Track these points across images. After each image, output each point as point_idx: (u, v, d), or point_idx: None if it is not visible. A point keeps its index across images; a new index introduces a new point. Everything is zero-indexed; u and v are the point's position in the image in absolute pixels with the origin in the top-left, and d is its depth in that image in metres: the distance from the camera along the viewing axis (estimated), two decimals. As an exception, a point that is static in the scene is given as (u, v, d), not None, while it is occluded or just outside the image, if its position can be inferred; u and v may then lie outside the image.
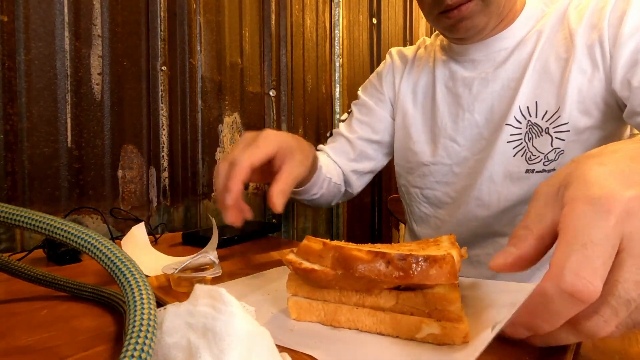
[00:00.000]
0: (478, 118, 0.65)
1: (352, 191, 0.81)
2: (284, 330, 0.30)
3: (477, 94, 0.65)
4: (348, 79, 1.28)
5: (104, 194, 0.75)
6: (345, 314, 0.30)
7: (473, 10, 0.56)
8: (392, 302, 0.29)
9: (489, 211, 0.63)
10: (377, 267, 0.27)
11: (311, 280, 0.30)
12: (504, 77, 0.62)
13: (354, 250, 0.28)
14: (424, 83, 0.73)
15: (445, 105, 0.69)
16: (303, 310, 0.32)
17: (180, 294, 0.37)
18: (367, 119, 0.79)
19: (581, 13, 0.57)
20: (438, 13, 0.59)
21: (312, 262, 0.30)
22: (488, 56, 0.64)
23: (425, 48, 0.77)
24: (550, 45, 0.59)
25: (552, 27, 0.60)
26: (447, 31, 0.63)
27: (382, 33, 1.41)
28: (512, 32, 0.62)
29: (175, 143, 0.86)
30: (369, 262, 0.27)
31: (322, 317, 0.31)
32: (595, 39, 0.54)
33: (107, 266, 0.25)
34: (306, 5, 1.14)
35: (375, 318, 0.29)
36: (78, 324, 0.33)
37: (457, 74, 0.68)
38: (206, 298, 0.22)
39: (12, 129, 0.64)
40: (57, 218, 0.27)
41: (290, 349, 0.27)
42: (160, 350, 0.21)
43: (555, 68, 0.58)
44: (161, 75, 0.83)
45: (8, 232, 0.65)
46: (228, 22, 0.96)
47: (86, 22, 0.72)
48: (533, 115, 0.59)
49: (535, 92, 0.59)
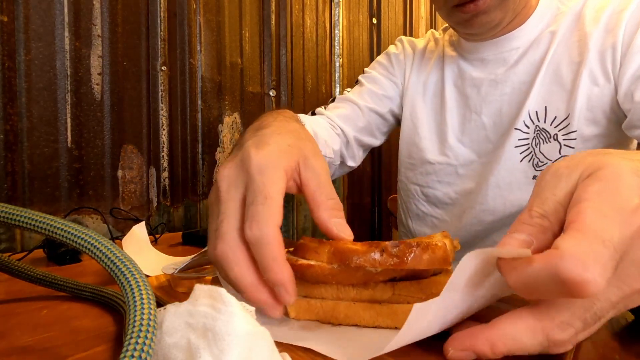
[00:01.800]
0: (485, 120, 0.63)
1: (351, 163, 0.74)
2: (282, 327, 0.31)
3: (486, 96, 0.63)
4: (348, 79, 1.28)
5: (104, 194, 0.75)
6: (343, 311, 0.30)
7: (490, 5, 0.54)
8: (388, 293, 0.30)
9: (494, 216, 0.62)
10: (372, 256, 0.27)
11: (308, 277, 0.30)
12: (515, 80, 0.60)
13: (348, 244, 0.29)
14: (434, 79, 0.71)
15: (454, 104, 0.67)
16: (302, 309, 0.32)
17: (180, 294, 0.37)
18: (380, 92, 0.75)
19: (598, 14, 0.55)
20: (452, 6, 0.56)
21: (308, 259, 0.30)
22: (498, 56, 0.62)
23: (436, 42, 0.75)
24: (564, 47, 0.57)
25: (567, 28, 0.58)
26: (460, 26, 0.61)
27: (382, 33, 1.41)
28: (524, 32, 0.60)
29: (175, 143, 0.86)
30: (364, 254, 0.27)
31: (321, 315, 0.31)
32: (609, 46, 0.52)
33: (107, 266, 0.25)
34: (306, 5, 1.14)
35: (373, 311, 0.30)
36: (78, 324, 0.33)
37: (466, 73, 0.66)
38: (206, 298, 0.22)
39: (12, 129, 0.64)
40: (57, 218, 0.27)
41: (290, 344, 0.27)
42: (160, 350, 0.21)
43: (567, 73, 0.56)
44: (161, 75, 0.83)
45: (8, 232, 0.65)
46: (228, 22, 0.96)
47: (86, 22, 0.72)
48: (542, 120, 0.57)
49: (545, 97, 0.57)
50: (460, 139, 0.66)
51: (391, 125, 0.79)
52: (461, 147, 0.66)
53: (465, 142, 0.66)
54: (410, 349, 0.27)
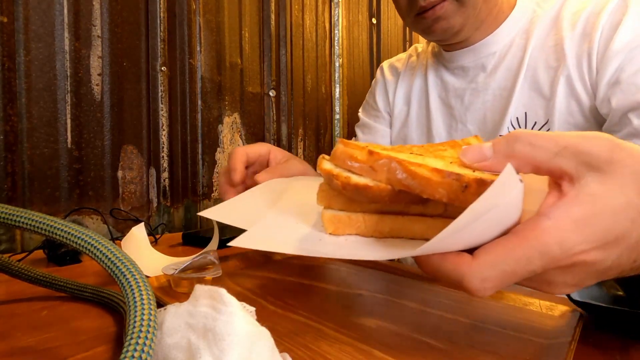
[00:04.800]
0: (471, 128, 0.64)
1: None
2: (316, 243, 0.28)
3: (469, 105, 0.64)
4: (348, 79, 1.28)
5: (104, 195, 0.75)
6: (389, 224, 0.28)
7: (448, 10, 0.56)
8: (440, 209, 0.27)
9: None
10: (451, 187, 0.23)
11: (362, 197, 0.26)
12: (495, 87, 0.61)
13: (415, 166, 0.24)
14: (417, 91, 0.73)
15: (440, 115, 0.69)
16: (342, 224, 0.29)
17: (180, 294, 0.37)
18: (371, 137, 0.80)
19: (575, 17, 0.55)
20: (415, 15, 0.58)
21: (358, 174, 0.26)
22: (477, 62, 0.63)
23: (418, 56, 0.77)
24: (540, 51, 0.57)
25: (543, 31, 0.58)
26: (424, 33, 0.62)
27: (382, 33, 1.41)
28: (499, 36, 0.61)
29: (175, 143, 0.86)
30: (441, 184, 0.23)
31: (363, 229, 0.28)
32: (585, 50, 0.52)
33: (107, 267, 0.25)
34: (306, 6, 1.14)
35: (424, 224, 0.27)
36: (78, 324, 0.33)
37: (449, 84, 0.67)
38: (206, 298, 0.22)
39: (12, 129, 0.64)
40: (57, 219, 0.27)
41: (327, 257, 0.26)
42: (160, 350, 0.21)
43: (544, 78, 0.56)
44: (161, 76, 0.83)
45: (8, 233, 0.65)
46: (228, 22, 0.96)
47: (86, 23, 0.72)
48: (523, 126, 0.58)
49: (525, 103, 0.58)
50: None
51: None
52: None
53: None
54: (410, 348, 0.27)
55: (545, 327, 0.31)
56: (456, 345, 0.28)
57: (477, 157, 0.24)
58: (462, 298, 0.37)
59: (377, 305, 0.36)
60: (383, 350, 0.27)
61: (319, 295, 0.39)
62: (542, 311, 0.34)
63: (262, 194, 0.44)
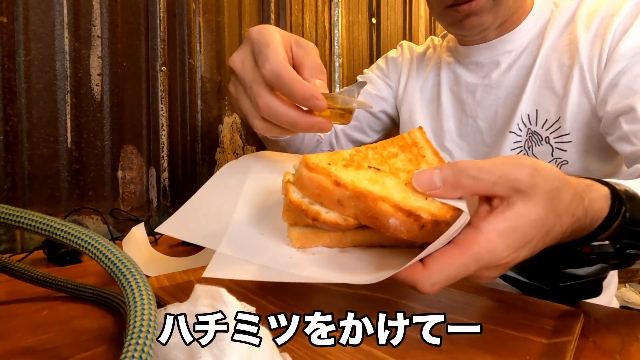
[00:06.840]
0: (482, 125, 0.64)
1: (338, 148, 0.82)
2: (287, 266, 0.30)
3: (481, 101, 0.64)
4: (348, 79, 1.28)
5: (104, 195, 0.75)
6: (351, 236, 0.31)
7: (483, 7, 0.55)
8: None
9: None
10: (409, 228, 0.26)
11: (331, 230, 0.30)
12: (508, 84, 0.61)
13: (380, 201, 0.26)
14: (430, 84, 0.73)
15: (451, 109, 0.69)
16: (308, 240, 0.31)
17: (181, 294, 0.37)
18: (374, 92, 0.79)
19: (590, 18, 0.55)
20: (446, 7, 0.57)
21: (326, 207, 0.28)
22: (493, 59, 0.63)
23: (434, 48, 0.77)
24: (554, 50, 0.57)
25: (558, 31, 0.58)
26: (451, 26, 0.62)
27: (382, 33, 1.41)
28: (517, 35, 0.61)
29: (175, 143, 0.86)
30: (402, 223, 0.26)
31: (328, 242, 0.32)
32: (597, 51, 0.53)
33: (107, 267, 0.25)
34: (305, 6, 1.14)
35: (381, 236, 0.30)
36: (79, 324, 0.33)
37: (462, 79, 0.67)
38: (206, 298, 0.22)
39: (12, 129, 0.64)
40: (57, 219, 0.27)
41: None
42: (160, 350, 0.21)
43: (557, 76, 0.56)
44: (161, 76, 0.83)
45: (8, 233, 0.65)
46: (228, 22, 0.96)
47: (86, 23, 0.72)
48: (533, 123, 0.58)
49: (536, 100, 0.58)
50: (458, 143, 0.68)
51: (385, 124, 0.82)
52: (459, 150, 0.68)
53: (463, 146, 0.67)
54: (410, 348, 0.27)
55: (545, 327, 0.31)
56: (456, 345, 0.28)
57: (427, 186, 0.28)
58: (462, 298, 0.37)
59: (378, 305, 0.36)
60: (383, 350, 0.27)
61: (319, 295, 0.39)
62: (542, 311, 0.34)
63: (221, 193, 0.39)
